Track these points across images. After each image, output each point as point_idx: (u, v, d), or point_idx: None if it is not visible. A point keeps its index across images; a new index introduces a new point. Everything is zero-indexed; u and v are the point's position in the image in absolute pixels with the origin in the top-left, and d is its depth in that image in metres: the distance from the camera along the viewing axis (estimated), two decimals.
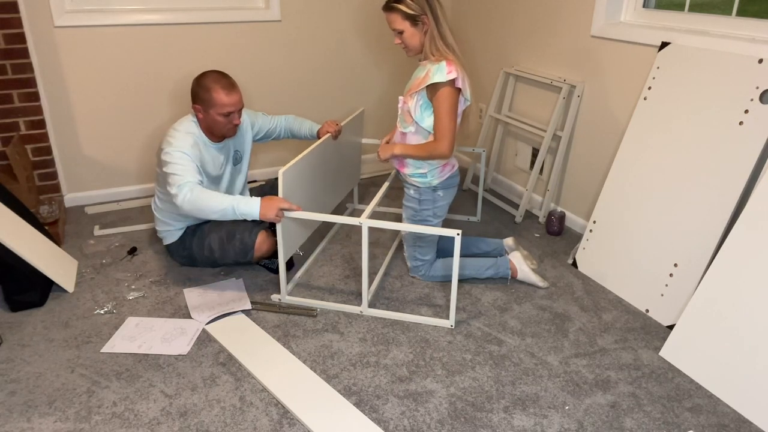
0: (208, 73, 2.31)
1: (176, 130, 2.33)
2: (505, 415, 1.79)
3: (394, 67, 3.80)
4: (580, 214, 3.00)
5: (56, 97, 3.04)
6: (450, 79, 2.11)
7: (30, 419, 1.75)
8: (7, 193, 2.47)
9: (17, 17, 2.76)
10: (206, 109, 2.29)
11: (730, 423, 1.77)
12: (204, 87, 2.27)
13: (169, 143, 2.28)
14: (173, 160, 2.24)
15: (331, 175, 2.69)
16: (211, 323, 2.20)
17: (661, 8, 2.55)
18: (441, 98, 2.14)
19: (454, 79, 2.12)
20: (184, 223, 2.51)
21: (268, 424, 1.74)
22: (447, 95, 2.14)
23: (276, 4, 3.31)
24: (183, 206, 2.18)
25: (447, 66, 2.13)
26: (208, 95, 2.26)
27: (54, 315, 2.25)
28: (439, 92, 2.14)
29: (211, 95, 2.26)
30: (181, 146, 2.27)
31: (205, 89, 2.27)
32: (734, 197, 2.05)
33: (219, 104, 2.26)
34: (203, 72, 2.32)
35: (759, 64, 2.03)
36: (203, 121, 2.35)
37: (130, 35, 3.07)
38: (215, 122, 2.31)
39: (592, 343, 2.13)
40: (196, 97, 2.30)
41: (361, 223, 2.14)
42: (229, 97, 2.27)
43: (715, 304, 1.96)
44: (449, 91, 2.14)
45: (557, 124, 2.97)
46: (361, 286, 2.48)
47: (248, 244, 2.45)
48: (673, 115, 2.31)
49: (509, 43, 3.31)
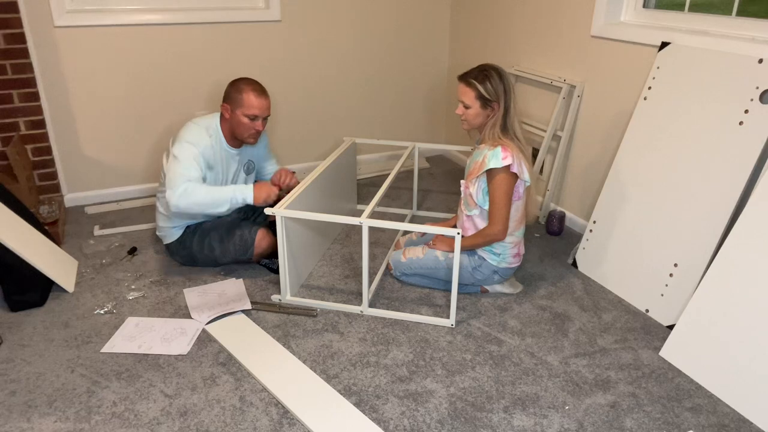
0: (244, 77, 2.39)
1: (195, 124, 2.38)
2: (505, 415, 1.79)
3: (394, 67, 3.80)
4: (580, 214, 3.00)
5: (56, 97, 3.04)
6: (505, 165, 2.13)
7: (30, 419, 1.75)
8: (7, 193, 2.47)
9: (17, 17, 2.76)
10: (234, 108, 2.34)
11: (730, 423, 1.77)
12: (237, 87, 2.34)
13: (182, 137, 2.32)
14: (180, 153, 2.27)
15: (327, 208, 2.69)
16: (211, 323, 2.20)
17: (661, 8, 2.55)
18: (496, 184, 2.16)
19: (509, 165, 2.13)
20: (185, 221, 2.51)
21: (268, 424, 1.74)
22: (501, 181, 2.16)
23: (276, 4, 3.31)
24: (178, 204, 2.23)
25: (503, 152, 2.14)
26: (239, 95, 2.32)
27: (54, 315, 2.25)
28: (495, 178, 2.16)
29: (242, 95, 2.32)
30: (195, 141, 2.31)
31: (237, 89, 2.33)
32: (734, 197, 2.05)
33: (247, 105, 2.31)
34: (242, 77, 2.40)
35: (759, 64, 2.03)
36: (228, 122, 2.40)
37: (130, 35, 3.07)
38: (239, 124, 2.35)
39: (592, 343, 2.13)
40: (227, 97, 2.36)
41: (362, 222, 2.14)
42: (258, 100, 2.33)
43: (715, 304, 1.96)
44: (504, 177, 2.15)
45: (557, 124, 2.97)
46: (362, 285, 2.48)
47: (248, 241, 2.47)
48: (673, 115, 2.31)
49: (509, 43, 3.31)
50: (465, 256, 2.32)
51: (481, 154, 2.23)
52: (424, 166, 3.96)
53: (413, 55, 3.82)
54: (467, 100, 2.19)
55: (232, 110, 2.35)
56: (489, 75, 2.15)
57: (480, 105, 2.18)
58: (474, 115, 2.20)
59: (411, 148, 2.95)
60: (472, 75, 2.17)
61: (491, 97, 2.15)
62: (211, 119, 2.43)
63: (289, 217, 2.23)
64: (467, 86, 2.18)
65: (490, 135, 2.20)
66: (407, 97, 3.93)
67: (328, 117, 3.73)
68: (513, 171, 2.14)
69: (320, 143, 3.77)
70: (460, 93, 2.21)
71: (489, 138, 2.21)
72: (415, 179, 3.17)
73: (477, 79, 2.15)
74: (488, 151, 2.17)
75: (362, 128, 3.87)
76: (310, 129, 3.70)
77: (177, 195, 2.23)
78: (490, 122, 2.20)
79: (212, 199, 2.26)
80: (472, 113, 2.20)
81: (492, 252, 2.31)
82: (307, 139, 3.72)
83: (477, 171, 2.21)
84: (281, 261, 2.25)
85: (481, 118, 2.21)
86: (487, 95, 2.15)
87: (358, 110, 3.81)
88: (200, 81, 3.30)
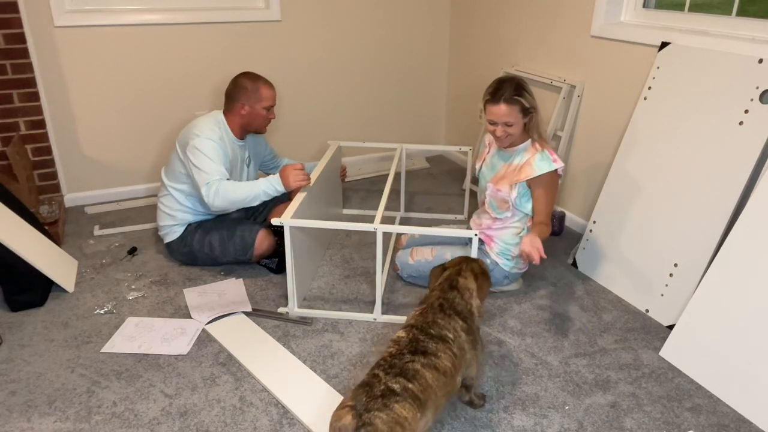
0: (246, 72, 2.47)
1: (204, 122, 2.40)
2: (505, 415, 1.79)
3: (394, 67, 3.80)
4: (580, 214, 3.00)
5: (56, 97, 3.04)
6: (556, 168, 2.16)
7: (30, 419, 1.75)
8: (7, 193, 2.47)
9: (17, 17, 2.76)
10: (253, 103, 2.42)
11: (730, 423, 1.77)
12: (251, 81, 2.42)
13: (197, 135, 2.34)
14: (203, 149, 2.31)
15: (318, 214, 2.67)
16: (211, 323, 2.20)
17: (661, 8, 2.55)
18: (549, 186, 2.18)
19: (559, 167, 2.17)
20: (191, 215, 2.53)
21: (268, 424, 1.74)
22: (554, 182, 2.19)
23: (276, 4, 3.31)
24: (214, 203, 2.28)
25: (550, 154, 2.16)
26: (255, 90, 2.41)
27: (54, 315, 2.25)
28: (548, 181, 2.17)
29: (258, 90, 2.41)
30: (212, 136, 2.35)
31: (252, 83, 2.42)
32: (734, 197, 2.05)
33: (265, 98, 2.43)
34: (241, 72, 2.46)
35: (759, 64, 2.03)
36: (244, 117, 2.45)
37: (130, 35, 3.07)
38: (257, 116, 2.45)
39: (592, 343, 2.13)
40: (241, 94, 2.41)
41: (376, 229, 2.11)
42: (271, 91, 2.47)
43: (715, 304, 1.96)
44: (555, 178, 2.18)
45: (557, 124, 2.97)
46: (364, 287, 2.48)
47: (248, 242, 2.47)
48: (673, 115, 2.31)
49: (509, 42, 3.31)
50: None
51: (516, 156, 2.23)
52: (424, 166, 3.96)
53: (413, 55, 3.82)
54: (512, 118, 2.13)
55: (251, 105, 2.42)
56: (521, 86, 2.13)
57: (523, 116, 2.15)
58: (518, 131, 2.18)
59: (400, 150, 2.94)
60: (508, 92, 2.11)
61: (533, 104, 2.15)
62: (216, 114, 2.47)
63: (295, 227, 2.17)
64: (511, 105, 2.11)
65: (536, 138, 2.20)
66: (407, 98, 3.92)
67: (328, 117, 3.73)
68: (560, 173, 2.19)
69: (320, 143, 3.76)
70: (502, 115, 2.13)
71: (526, 142, 2.22)
72: (402, 181, 3.17)
73: (516, 94, 2.11)
74: (530, 155, 2.18)
75: (362, 128, 3.86)
76: (310, 129, 3.70)
77: (212, 195, 2.28)
78: (533, 127, 2.19)
79: (245, 194, 2.30)
80: (517, 129, 2.17)
81: (507, 258, 2.32)
82: (308, 139, 3.72)
83: (516, 175, 2.21)
84: (289, 273, 2.19)
85: (520, 128, 2.19)
86: (530, 105, 2.14)
87: (358, 110, 3.81)
88: (200, 81, 3.30)
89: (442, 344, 1.54)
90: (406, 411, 1.36)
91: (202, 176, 2.29)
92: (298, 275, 2.27)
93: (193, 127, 2.40)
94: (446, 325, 1.59)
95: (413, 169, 3.90)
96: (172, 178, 2.48)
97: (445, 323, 1.60)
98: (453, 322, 1.61)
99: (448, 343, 1.56)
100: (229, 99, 2.45)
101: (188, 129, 2.41)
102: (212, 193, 2.28)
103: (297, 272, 2.24)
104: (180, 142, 2.42)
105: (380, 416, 1.31)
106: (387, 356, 1.51)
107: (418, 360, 1.48)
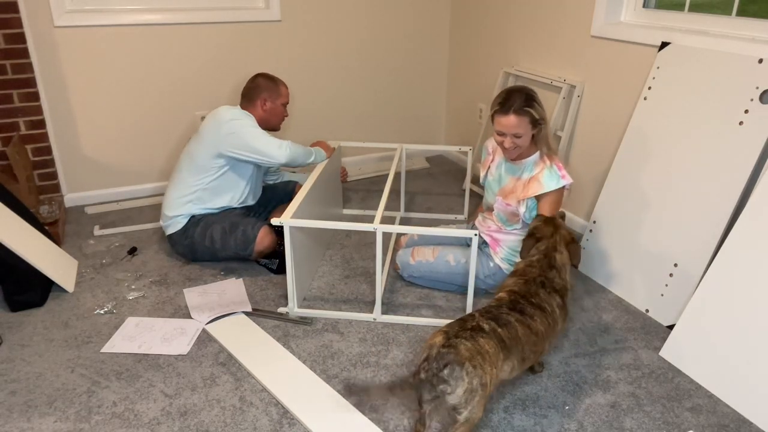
0: (262, 72, 2.63)
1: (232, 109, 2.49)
2: (505, 415, 1.79)
3: (394, 67, 3.80)
4: (580, 214, 3.00)
5: (56, 97, 3.04)
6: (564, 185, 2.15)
7: (30, 419, 1.75)
8: (7, 193, 2.47)
9: (17, 17, 2.76)
10: (274, 99, 2.57)
11: (730, 423, 1.77)
12: (270, 79, 2.58)
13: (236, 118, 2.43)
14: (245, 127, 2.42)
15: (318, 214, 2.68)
16: (211, 323, 2.20)
17: (661, 8, 2.55)
18: (555, 199, 2.17)
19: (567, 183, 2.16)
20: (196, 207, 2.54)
21: (268, 424, 1.74)
22: (561, 196, 2.19)
23: (276, 4, 3.31)
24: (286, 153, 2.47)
25: (559, 170, 2.14)
26: (275, 87, 2.58)
27: (54, 315, 2.25)
28: (554, 195, 2.16)
29: (277, 87, 2.59)
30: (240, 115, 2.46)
31: (271, 81, 2.58)
32: (734, 197, 2.05)
33: (283, 95, 2.61)
34: (258, 73, 2.62)
35: (759, 64, 2.03)
36: (266, 112, 2.58)
37: (130, 35, 3.08)
38: (276, 112, 2.61)
39: (592, 343, 2.13)
40: (264, 89, 2.55)
41: (376, 229, 2.11)
42: (287, 89, 2.65)
43: (716, 304, 1.96)
44: (562, 192, 2.19)
45: (557, 124, 2.97)
46: (364, 287, 2.48)
47: (250, 237, 2.48)
48: (673, 115, 2.31)
49: (509, 43, 3.31)
50: (480, 262, 2.32)
51: (526, 169, 2.21)
52: (424, 166, 3.96)
53: (413, 55, 3.82)
54: (521, 129, 2.09)
55: (272, 101, 2.57)
56: (531, 96, 2.09)
57: (532, 128, 2.11)
58: (526, 142, 2.14)
59: (400, 150, 2.94)
60: (518, 103, 2.06)
61: (543, 114, 2.12)
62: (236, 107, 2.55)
63: (295, 227, 2.17)
64: (521, 116, 2.07)
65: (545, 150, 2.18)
66: (407, 98, 3.92)
67: (328, 117, 3.73)
68: (568, 189, 2.19)
69: None
70: (511, 126, 2.09)
71: (535, 155, 2.20)
72: (402, 181, 3.17)
73: (527, 105, 2.07)
74: (539, 170, 2.16)
75: (362, 128, 3.86)
76: (310, 128, 3.70)
77: (283, 150, 2.46)
78: (541, 139, 2.16)
79: (304, 151, 2.56)
80: (525, 141, 2.14)
81: (510, 263, 2.32)
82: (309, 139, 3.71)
83: (523, 191, 2.19)
84: (289, 273, 2.19)
85: (528, 140, 2.15)
86: (540, 117, 2.11)
87: (359, 110, 3.81)
88: (200, 81, 3.30)
89: (540, 312, 1.73)
90: (490, 347, 1.54)
91: (269, 145, 2.43)
92: (298, 275, 2.27)
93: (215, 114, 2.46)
94: (547, 299, 1.78)
95: (413, 169, 3.90)
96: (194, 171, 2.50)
97: (545, 298, 1.78)
98: (551, 299, 1.79)
99: (545, 312, 1.74)
100: (247, 97, 2.57)
101: (217, 120, 2.44)
102: (283, 148, 2.45)
103: (297, 272, 2.24)
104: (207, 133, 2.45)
105: (465, 344, 1.50)
106: (487, 307, 1.70)
107: (514, 315, 1.67)
